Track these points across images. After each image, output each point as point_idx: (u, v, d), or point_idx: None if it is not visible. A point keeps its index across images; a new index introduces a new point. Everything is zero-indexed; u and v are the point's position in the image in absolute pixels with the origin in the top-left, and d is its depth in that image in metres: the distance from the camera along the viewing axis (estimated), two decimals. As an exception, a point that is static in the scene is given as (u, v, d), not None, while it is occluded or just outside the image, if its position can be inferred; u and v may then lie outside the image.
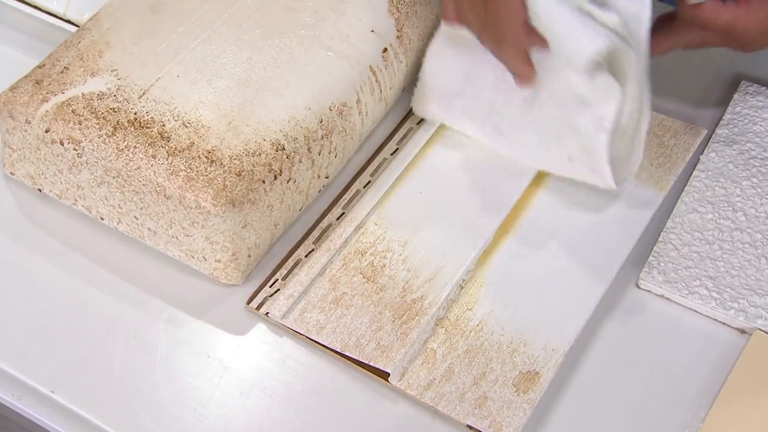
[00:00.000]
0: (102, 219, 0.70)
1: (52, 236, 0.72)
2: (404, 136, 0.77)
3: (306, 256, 0.70)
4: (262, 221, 0.68)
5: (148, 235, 0.69)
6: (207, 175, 0.65)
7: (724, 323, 0.67)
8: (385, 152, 0.76)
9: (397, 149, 0.76)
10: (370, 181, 0.74)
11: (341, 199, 0.73)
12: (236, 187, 0.65)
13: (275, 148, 0.67)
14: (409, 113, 0.79)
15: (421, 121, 0.78)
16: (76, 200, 0.70)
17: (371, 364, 0.64)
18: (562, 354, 0.65)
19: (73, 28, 0.80)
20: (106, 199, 0.68)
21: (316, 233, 0.71)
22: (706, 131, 0.78)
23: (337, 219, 0.72)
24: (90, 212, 0.70)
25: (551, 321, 0.66)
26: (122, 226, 0.69)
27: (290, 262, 0.70)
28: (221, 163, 0.65)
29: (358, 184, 0.74)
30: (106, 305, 0.68)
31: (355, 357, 0.64)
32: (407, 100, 0.80)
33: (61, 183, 0.70)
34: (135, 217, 0.68)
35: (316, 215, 0.73)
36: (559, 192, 0.73)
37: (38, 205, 0.73)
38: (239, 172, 0.65)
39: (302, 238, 0.71)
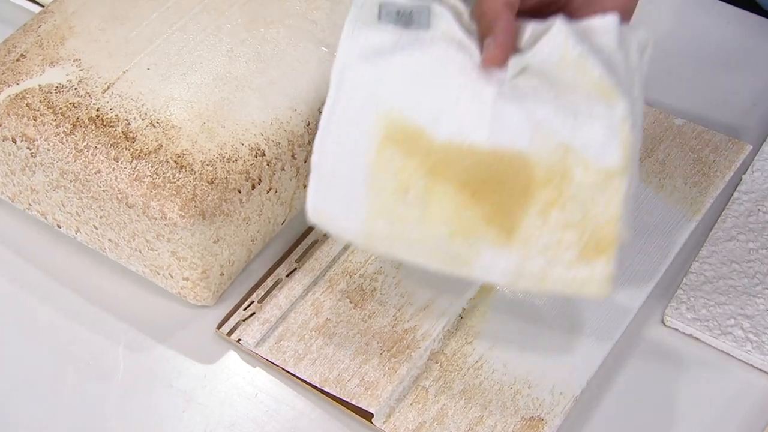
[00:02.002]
0: (59, 227, 0.69)
1: (2, 243, 0.71)
2: (406, 143, 0.76)
3: (287, 276, 0.69)
4: (237, 235, 0.67)
5: (110, 247, 0.68)
6: (175, 182, 0.64)
7: (761, 370, 0.65)
8: (384, 160, 0.75)
9: (398, 157, 0.75)
10: (364, 193, 0.73)
11: (331, 212, 0.72)
12: (207, 196, 0.64)
13: (254, 153, 0.66)
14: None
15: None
16: (30, 204, 0.69)
17: (353, 402, 0.63)
18: (572, 399, 0.63)
19: (38, 9, 0.79)
20: (62, 204, 0.67)
21: (299, 250, 0.71)
22: (751, 147, 0.76)
23: (324, 235, 0.71)
24: (46, 218, 0.70)
25: (561, 360, 0.65)
26: (81, 235, 0.69)
27: (269, 283, 0.69)
28: (192, 169, 0.64)
29: (350, 196, 0.73)
30: (58, 324, 0.67)
31: (335, 394, 0.63)
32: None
33: (14, 185, 0.69)
34: (94, 226, 0.67)
35: (300, 230, 0.72)
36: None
37: (-11, 209, 0.73)
38: (212, 179, 0.64)
39: (284, 256, 0.70)
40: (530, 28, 0.60)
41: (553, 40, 0.58)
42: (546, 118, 0.58)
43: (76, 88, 0.67)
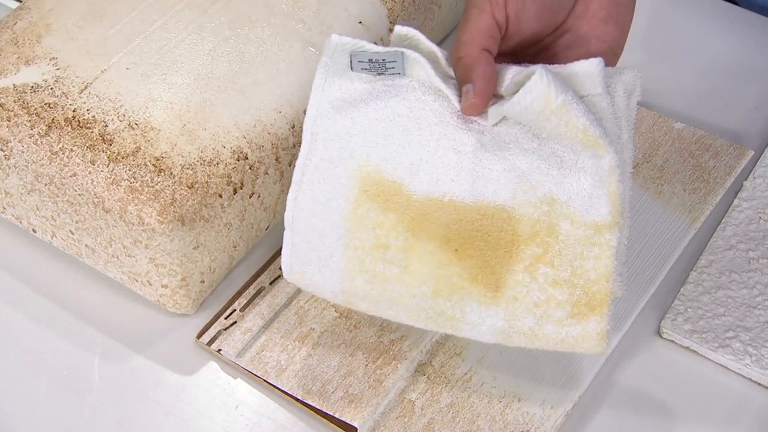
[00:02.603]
0: (34, 231, 0.69)
1: (-24, 248, 0.71)
2: (396, 146, 0.75)
3: (271, 283, 0.68)
4: (218, 242, 0.66)
5: (86, 253, 0.67)
6: (153, 187, 0.63)
7: (760, 384, 0.65)
8: (372, 164, 0.74)
9: (387, 161, 0.75)
10: (352, 197, 0.72)
11: (317, 218, 0.72)
12: (187, 201, 0.63)
13: (236, 156, 0.65)
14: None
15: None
16: (4, 208, 0.69)
17: (336, 416, 0.62)
18: (563, 413, 0.63)
19: (15, 4, 0.78)
20: (37, 208, 0.67)
21: (284, 257, 0.70)
22: (753, 152, 0.76)
23: (310, 241, 0.70)
24: (20, 222, 0.69)
25: (553, 373, 0.64)
26: (57, 240, 0.68)
27: (251, 291, 0.68)
28: (171, 173, 0.63)
29: (337, 201, 0.72)
30: (32, 333, 0.67)
31: (318, 407, 0.63)
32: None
33: (-13, 188, 0.68)
34: (70, 231, 0.66)
35: (285, 236, 0.71)
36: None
37: (-37, 212, 0.72)
38: (192, 183, 0.63)
39: (267, 263, 0.70)
40: (511, 72, 0.59)
41: (534, 87, 0.55)
42: (529, 170, 0.57)
43: (52, 88, 0.66)
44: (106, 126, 0.65)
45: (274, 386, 0.64)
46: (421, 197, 0.58)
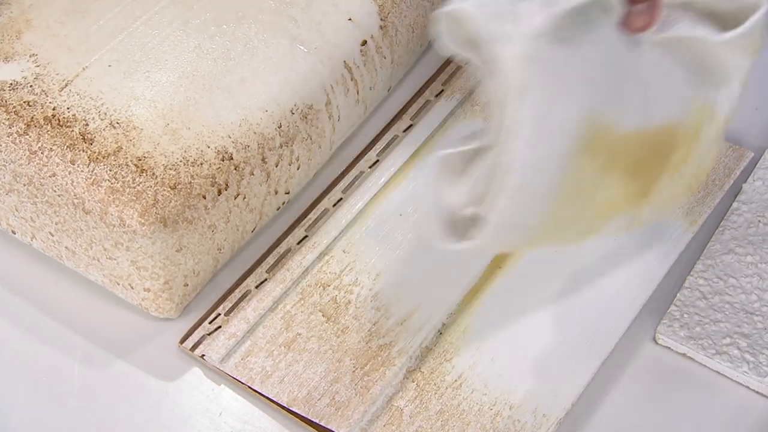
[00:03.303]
0: (14, 233, 0.68)
1: (-47, 249, 0.70)
2: (386, 146, 0.75)
3: (257, 287, 0.68)
4: (202, 244, 0.65)
5: (67, 255, 0.66)
6: (135, 187, 0.62)
7: (758, 392, 0.64)
8: (362, 165, 0.74)
9: (377, 161, 0.74)
10: (341, 199, 0.72)
11: (305, 220, 0.71)
12: (170, 202, 0.62)
13: (221, 157, 0.65)
14: (394, 119, 0.76)
15: (409, 128, 0.76)
16: (-17, 209, 0.68)
17: (322, 424, 0.62)
18: (555, 422, 0.62)
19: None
20: (16, 209, 0.66)
21: (270, 260, 0.69)
22: (752, 154, 0.75)
23: (298, 243, 0.70)
24: (0, 224, 0.68)
25: (546, 380, 0.64)
26: (36, 242, 0.67)
27: (237, 294, 0.68)
28: (153, 174, 0.63)
29: (326, 202, 0.72)
30: (10, 336, 0.66)
31: (304, 414, 0.62)
32: (391, 103, 0.77)
33: (-35, 188, 0.68)
34: (50, 233, 0.66)
35: (272, 238, 0.71)
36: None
37: (-59, 213, 0.72)
38: (174, 184, 0.63)
39: (253, 266, 0.69)
40: None
41: (756, 24, 0.58)
42: (691, 83, 0.60)
43: (31, 86, 0.65)
44: (87, 125, 0.64)
45: (259, 393, 0.63)
46: (619, 135, 0.58)
